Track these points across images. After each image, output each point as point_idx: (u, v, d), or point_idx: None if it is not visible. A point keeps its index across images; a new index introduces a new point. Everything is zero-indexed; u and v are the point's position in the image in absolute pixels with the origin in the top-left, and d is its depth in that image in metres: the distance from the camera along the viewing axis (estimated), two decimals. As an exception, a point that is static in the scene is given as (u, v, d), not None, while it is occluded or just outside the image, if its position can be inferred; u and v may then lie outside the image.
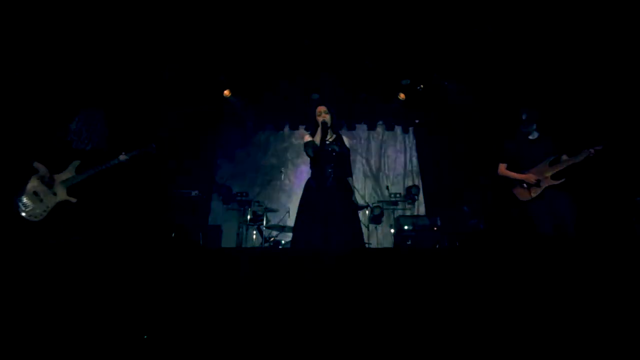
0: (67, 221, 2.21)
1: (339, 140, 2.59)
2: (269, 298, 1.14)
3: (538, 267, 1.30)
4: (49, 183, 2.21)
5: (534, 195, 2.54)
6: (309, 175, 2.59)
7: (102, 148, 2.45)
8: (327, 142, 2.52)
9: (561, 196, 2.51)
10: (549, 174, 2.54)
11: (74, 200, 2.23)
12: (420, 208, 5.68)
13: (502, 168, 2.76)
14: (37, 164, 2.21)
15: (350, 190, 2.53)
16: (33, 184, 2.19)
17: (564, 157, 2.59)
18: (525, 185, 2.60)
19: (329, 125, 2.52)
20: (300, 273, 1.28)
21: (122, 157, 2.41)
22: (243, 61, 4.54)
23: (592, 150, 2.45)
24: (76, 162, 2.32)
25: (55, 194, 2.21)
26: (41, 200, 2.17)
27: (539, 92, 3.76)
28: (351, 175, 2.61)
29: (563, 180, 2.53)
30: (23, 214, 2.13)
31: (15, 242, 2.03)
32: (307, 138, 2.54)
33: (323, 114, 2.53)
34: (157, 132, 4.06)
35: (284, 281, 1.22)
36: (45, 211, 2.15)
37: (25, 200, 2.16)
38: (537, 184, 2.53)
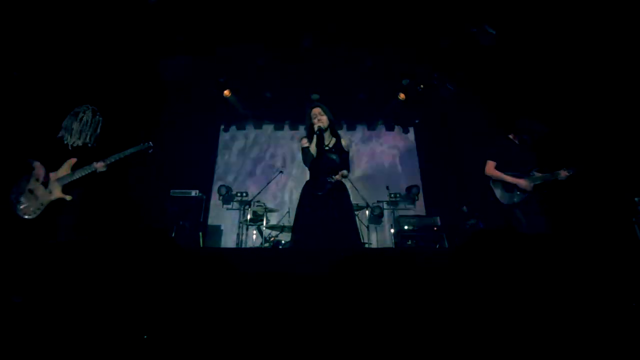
0: (62, 219, 2.17)
1: (337, 146, 2.44)
2: (268, 299, 1.12)
3: (537, 266, 1.28)
4: (44, 181, 2.17)
5: (516, 200, 2.51)
6: (307, 178, 2.55)
7: (98, 146, 2.41)
8: (326, 149, 2.38)
9: (534, 211, 2.47)
10: (529, 185, 2.51)
11: (68, 198, 2.19)
12: (420, 208, 5.66)
13: (491, 166, 2.67)
14: (34, 162, 2.17)
15: (346, 190, 2.47)
16: (29, 182, 2.16)
17: (536, 173, 2.56)
18: (516, 190, 2.54)
19: (324, 129, 2.38)
20: (300, 274, 1.26)
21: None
22: (243, 61, 4.52)
23: (563, 173, 2.45)
24: (71, 160, 2.28)
25: (50, 192, 2.17)
26: (36, 198, 2.13)
27: (534, 94, 3.74)
28: (348, 172, 2.48)
29: (544, 192, 2.50)
30: (18, 211, 2.09)
31: (10, 239, 2.00)
32: (305, 143, 2.43)
33: (318, 116, 2.39)
34: (155, 131, 4.01)
35: (283, 282, 1.21)
36: (39, 209, 2.11)
37: (20, 197, 2.13)
38: (527, 191, 2.48)
